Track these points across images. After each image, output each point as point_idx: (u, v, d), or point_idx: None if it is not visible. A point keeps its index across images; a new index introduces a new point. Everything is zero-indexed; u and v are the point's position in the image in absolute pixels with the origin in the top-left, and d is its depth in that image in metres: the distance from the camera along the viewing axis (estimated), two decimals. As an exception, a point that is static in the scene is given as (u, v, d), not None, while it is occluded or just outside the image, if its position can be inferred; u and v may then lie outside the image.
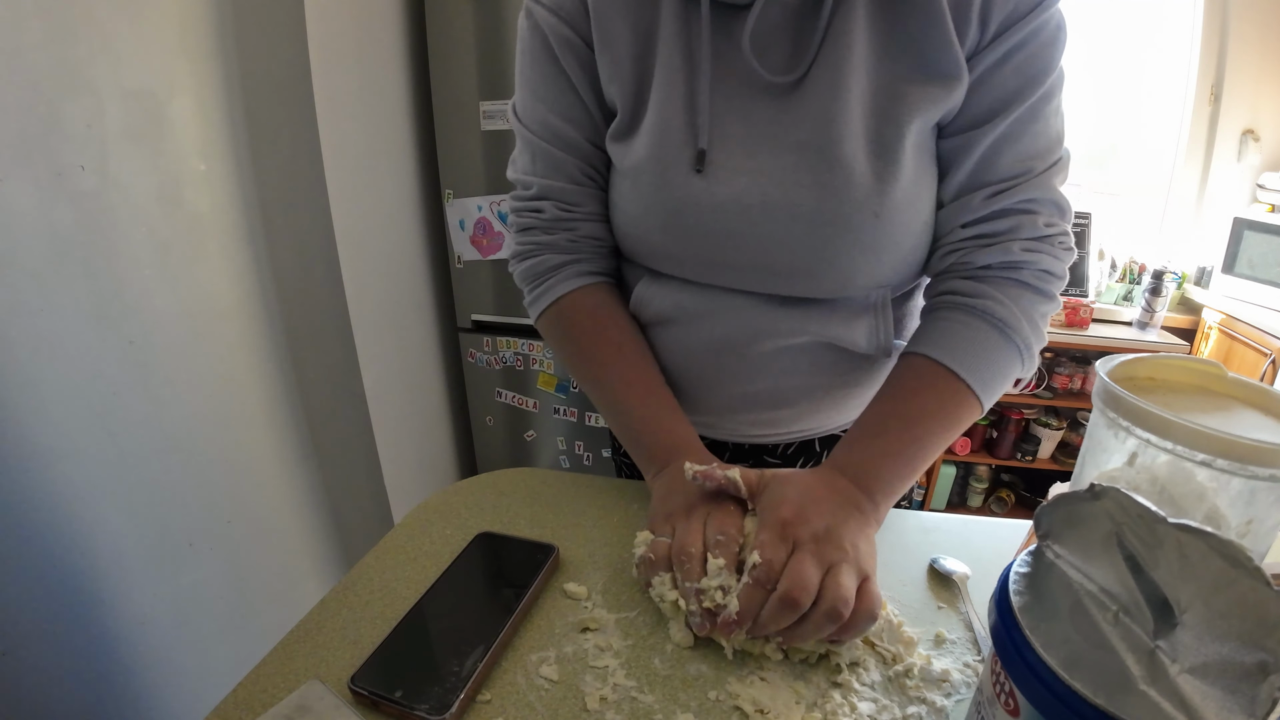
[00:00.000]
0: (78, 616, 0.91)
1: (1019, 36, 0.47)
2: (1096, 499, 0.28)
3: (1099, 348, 2.03)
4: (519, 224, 0.61)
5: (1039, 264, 0.52)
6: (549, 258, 0.60)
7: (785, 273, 0.55)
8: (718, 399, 0.63)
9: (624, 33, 0.53)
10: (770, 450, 0.69)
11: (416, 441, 1.75)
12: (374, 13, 1.45)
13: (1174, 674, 0.24)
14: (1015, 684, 0.27)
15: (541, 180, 0.59)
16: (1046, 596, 0.28)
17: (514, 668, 0.42)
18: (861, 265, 0.53)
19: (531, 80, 0.57)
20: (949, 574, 0.51)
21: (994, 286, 0.52)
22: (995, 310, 0.51)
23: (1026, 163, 0.50)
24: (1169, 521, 0.25)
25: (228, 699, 0.39)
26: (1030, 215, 0.51)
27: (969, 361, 0.50)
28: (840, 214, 0.51)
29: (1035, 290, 0.52)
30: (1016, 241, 0.51)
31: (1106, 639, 0.26)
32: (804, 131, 0.50)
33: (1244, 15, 1.96)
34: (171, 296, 1.02)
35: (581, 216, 0.60)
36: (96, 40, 0.88)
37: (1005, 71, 0.48)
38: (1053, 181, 0.51)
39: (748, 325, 0.58)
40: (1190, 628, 0.24)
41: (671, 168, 0.53)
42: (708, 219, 0.53)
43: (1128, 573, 0.26)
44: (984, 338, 0.51)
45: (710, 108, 0.52)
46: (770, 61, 0.51)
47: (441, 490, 0.62)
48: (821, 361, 0.59)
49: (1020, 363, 0.52)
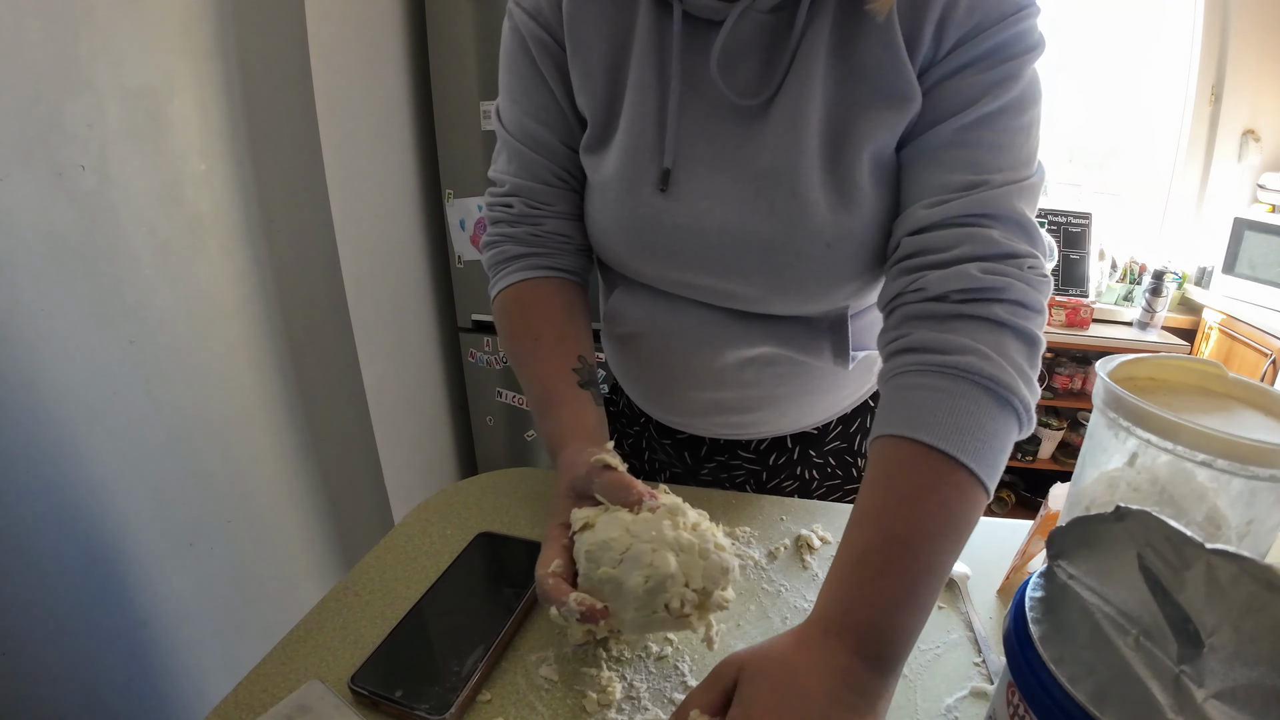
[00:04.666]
0: (78, 616, 0.90)
1: (980, 48, 0.45)
2: (1120, 520, 0.27)
3: (1099, 348, 2.03)
4: (490, 217, 0.62)
5: (1009, 293, 0.43)
6: (509, 248, 0.60)
7: (741, 295, 0.55)
8: (689, 403, 0.66)
9: (598, 44, 0.53)
10: (744, 446, 0.70)
11: (416, 441, 1.75)
12: (374, 13, 1.45)
13: (1200, 699, 0.23)
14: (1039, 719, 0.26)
15: (514, 179, 0.59)
16: (1065, 623, 0.27)
17: (514, 668, 0.42)
18: (814, 291, 0.53)
19: (509, 83, 0.58)
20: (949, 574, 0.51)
21: (967, 334, 0.42)
22: (981, 367, 0.41)
23: (978, 174, 0.45)
24: (1200, 544, 0.25)
25: (228, 699, 0.39)
26: (982, 230, 0.44)
27: (968, 443, 0.39)
28: (792, 242, 0.51)
29: (1016, 333, 0.43)
30: (972, 262, 0.43)
31: (1130, 666, 0.25)
32: (765, 159, 0.50)
33: (1244, 15, 1.96)
34: (172, 296, 1.02)
35: (548, 214, 0.60)
36: (97, 40, 0.88)
37: (958, 80, 0.46)
38: (1013, 200, 0.45)
39: (712, 338, 0.59)
40: (1218, 652, 0.24)
41: (636, 185, 0.53)
42: (667, 239, 0.54)
43: (1149, 595, 0.26)
44: (977, 407, 0.40)
45: (678, 127, 0.52)
46: (738, 82, 0.51)
47: (441, 490, 0.62)
48: (785, 372, 0.61)
49: (1019, 429, 0.43)
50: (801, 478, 0.72)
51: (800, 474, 0.71)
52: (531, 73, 0.56)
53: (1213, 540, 0.25)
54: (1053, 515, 0.49)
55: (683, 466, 0.74)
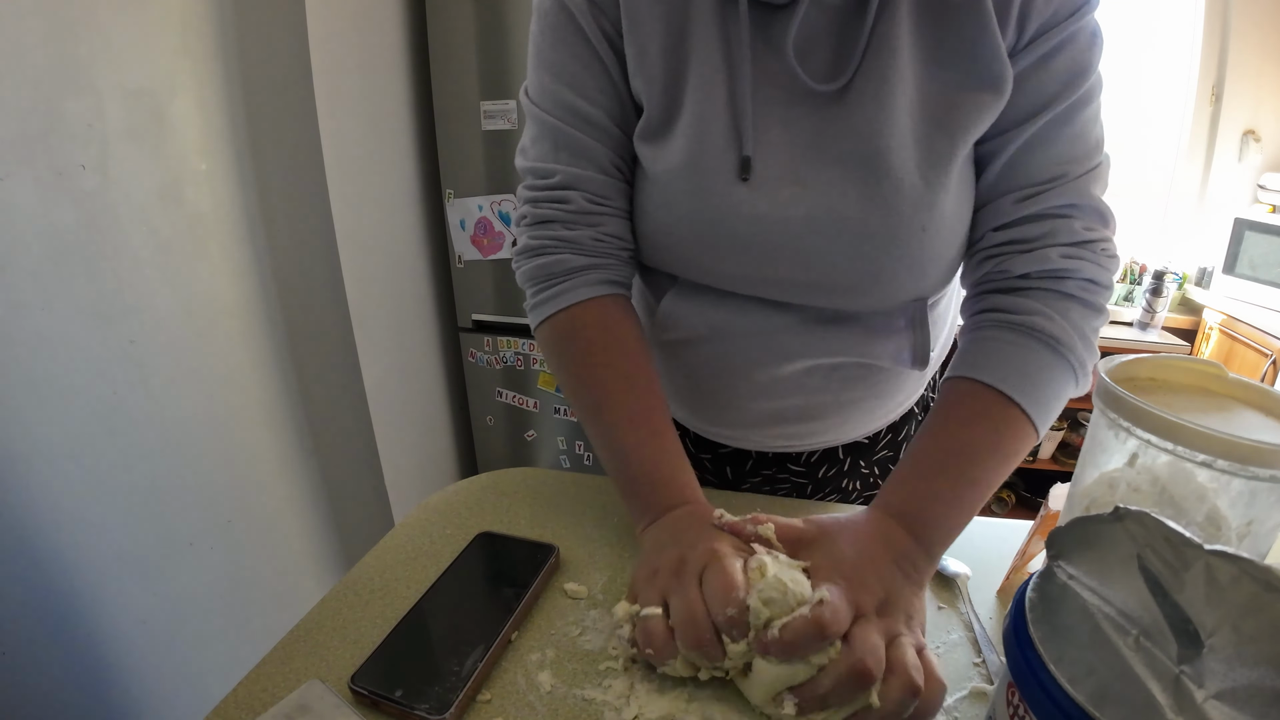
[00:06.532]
0: (78, 616, 0.90)
1: (1056, 40, 0.46)
2: (1119, 520, 0.27)
3: (1100, 348, 2.02)
4: (537, 216, 0.54)
5: (1082, 272, 0.48)
6: (568, 258, 0.53)
7: (825, 287, 0.52)
8: (744, 415, 0.61)
9: (654, 25, 0.50)
10: (794, 459, 0.67)
11: (416, 441, 1.75)
12: (374, 13, 1.45)
13: (1200, 700, 0.23)
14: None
15: (567, 168, 0.52)
16: (1064, 623, 0.27)
17: (514, 668, 0.42)
18: (905, 280, 0.51)
19: (553, 61, 0.52)
20: (949, 574, 0.51)
21: (1039, 300, 0.48)
22: (1045, 326, 0.47)
23: (1061, 166, 0.48)
24: (1199, 545, 0.25)
25: (228, 699, 0.39)
26: (1066, 220, 0.48)
27: (1023, 385, 0.46)
28: (887, 228, 0.49)
29: (1083, 303, 0.49)
30: (1054, 248, 0.48)
31: (1130, 667, 0.25)
32: (849, 142, 0.48)
33: (1245, 15, 1.96)
34: (172, 296, 1.02)
35: (610, 211, 0.54)
36: (97, 40, 0.88)
37: (1040, 75, 0.47)
38: (1091, 188, 0.49)
39: (781, 345, 0.56)
40: (1218, 652, 0.24)
41: (711, 175, 0.50)
42: (746, 231, 0.50)
43: (1149, 595, 0.26)
44: (1036, 357, 0.47)
45: (754, 113, 0.49)
46: (812, 68, 0.48)
47: (441, 490, 0.61)
48: (853, 376, 0.58)
49: (1074, 382, 0.49)
50: (843, 489, 0.69)
51: (844, 485, 0.69)
52: (585, 50, 0.51)
53: (1213, 541, 0.25)
54: (1053, 515, 0.49)
55: (720, 480, 0.70)
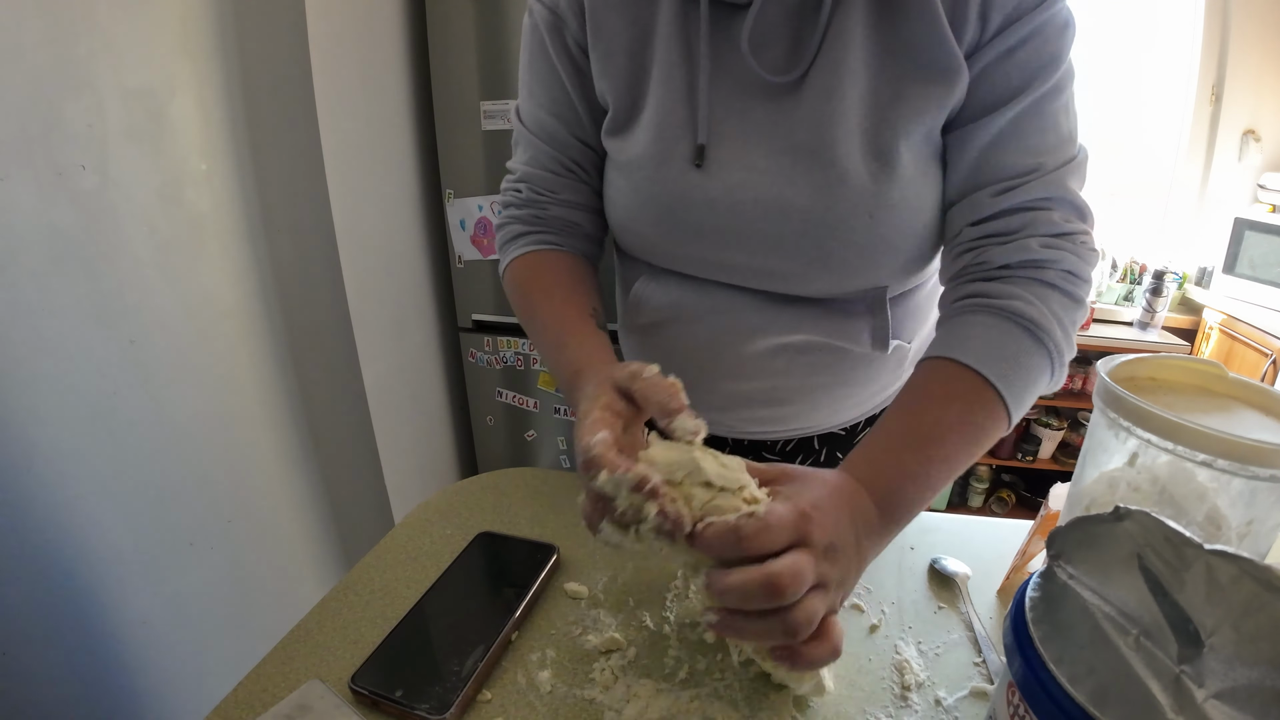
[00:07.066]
0: (78, 616, 0.90)
1: (1023, 32, 0.46)
2: (1119, 520, 0.27)
3: (1100, 348, 2.02)
4: (500, 202, 0.65)
5: (1062, 263, 0.48)
6: (514, 227, 0.63)
7: (781, 273, 0.55)
8: (715, 397, 0.63)
9: (619, 29, 0.54)
10: (769, 446, 0.69)
11: (416, 441, 1.75)
12: (374, 13, 1.45)
13: (1201, 700, 0.23)
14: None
15: (524, 168, 0.63)
16: (1064, 623, 0.27)
17: (514, 668, 0.42)
18: (856, 266, 0.53)
19: (527, 79, 0.60)
20: (949, 574, 0.51)
21: (1019, 286, 0.48)
22: (1025, 310, 0.46)
23: (1035, 158, 0.48)
24: (1199, 544, 0.25)
25: (228, 699, 0.39)
26: (1045, 212, 0.49)
27: (998, 367, 0.45)
28: (834, 215, 0.51)
29: (1063, 292, 0.48)
30: (1034, 238, 0.48)
31: (1130, 666, 0.25)
32: (801, 133, 0.51)
33: (1245, 15, 1.96)
34: (172, 296, 1.02)
35: (552, 200, 0.62)
36: (97, 40, 0.88)
37: (1007, 66, 0.47)
38: (1068, 182, 0.49)
39: (744, 323, 0.58)
40: (1218, 651, 0.24)
41: (668, 162, 0.54)
42: (701, 214, 0.54)
43: (1149, 595, 0.26)
44: (1013, 340, 0.46)
45: (710, 104, 0.52)
46: (768, 61, 0.51)
47: (441, 490, 0.62)
48: (819, 361, 0.60)
49: (1050, 371, 0.48)
50: None
51: None
52: (546, 67, 0.58)
53: (1213, 540, 0.25)
54: (1053, 515, 0.49)
55: None
